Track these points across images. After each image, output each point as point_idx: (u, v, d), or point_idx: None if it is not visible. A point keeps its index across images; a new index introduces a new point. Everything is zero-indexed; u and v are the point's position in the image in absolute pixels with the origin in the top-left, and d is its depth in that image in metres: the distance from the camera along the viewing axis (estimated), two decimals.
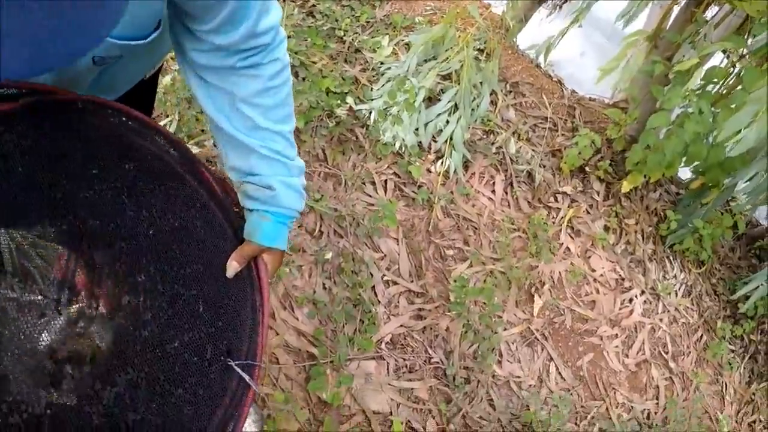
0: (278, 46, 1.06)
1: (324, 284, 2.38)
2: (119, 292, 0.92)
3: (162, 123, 2.57)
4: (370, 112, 2.85)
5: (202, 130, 2.61)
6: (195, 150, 2.53)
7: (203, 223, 1.03)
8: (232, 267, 1.05)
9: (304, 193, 1.16)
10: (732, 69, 2.98)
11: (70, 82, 1.05)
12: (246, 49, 1.01)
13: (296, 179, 1.13)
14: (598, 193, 3.26)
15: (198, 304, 0.98)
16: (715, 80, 2.95)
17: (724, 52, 3.04)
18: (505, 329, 2.66)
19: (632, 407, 2.86)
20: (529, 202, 3.05)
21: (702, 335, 3.31)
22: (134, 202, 0.98)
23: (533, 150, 3.14)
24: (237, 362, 0.97)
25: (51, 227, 0.90)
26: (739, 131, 2.57)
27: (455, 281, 2.56)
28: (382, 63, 3.08)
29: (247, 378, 0.96)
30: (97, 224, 0.94)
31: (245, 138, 1.07)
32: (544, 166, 3.14)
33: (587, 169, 3.24)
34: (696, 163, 3.10)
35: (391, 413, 2.24)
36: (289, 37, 2.97)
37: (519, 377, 2.60)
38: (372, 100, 2.90)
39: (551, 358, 2.74)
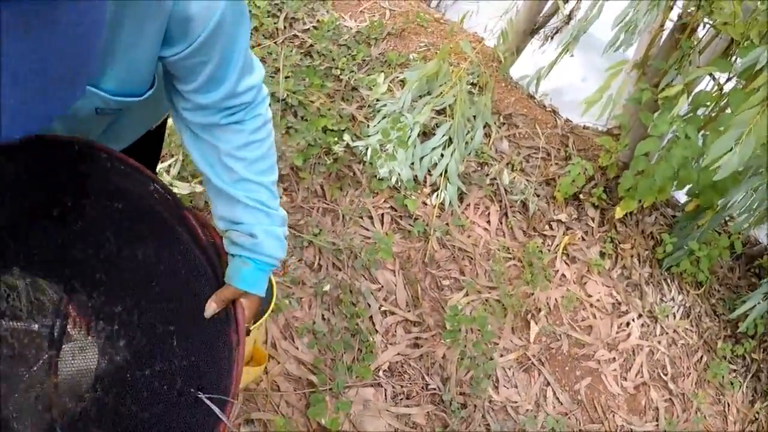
0: (260, 104, 1.16)
1: (323, 315, 2.55)
2: (95, 318, 1.04)
3: (167, 163, 2.78)
4: (367, 149, 3.04)
5: None
6: (198, 189, 2.73)
7: (184, 265, 1.14)
8: (211, 308, 1.12)
9: (285, 242, 1.24)
10: (719, 92, 3.13)
11: (80, 133, 1.17)
12: (228, 107, 1.11)
13: (278, 228, 1.21)
14: (593, 220, 3.42)
15: (173, 338, 1.09)
16: (707, 104, 3.11)
17: (711, 75, 3.20)
18: (501, 355, 2.82)
19: (632, 429, 2.97)
20: (524, 231, 3.22)
21: (702, 356, 3.43)
22: (118, 239, 1.10)
23: (527, 180, 3.32)
24: (207, 395, 1.02)
25: (36, 252, 1.03)
26: (725, 155, 2.71)
27: (449, 310, 2.73)
28: (378, 100, 3.28)
29: (217, 411, 1.01)
30: (79, 254, 1.06)
31: (230, 189, 1.16)
32: (539, 196, 3.32)
33: (581, 196, 3.40)
34: (688, 186, 3.25)
35: None
36: (287, 77, 3.18)
37: (516, 402, 2.75)
38: (368, 136, 3.09)
39: (548, 383, 2.88)
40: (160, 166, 2.73)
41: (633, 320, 3.28)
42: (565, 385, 2.93)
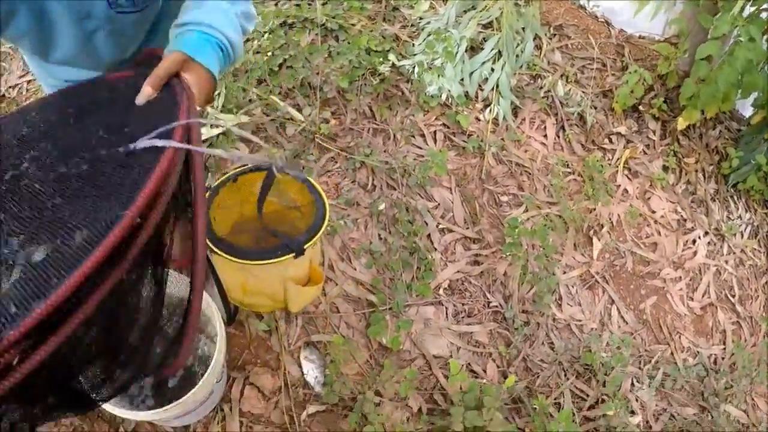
0: None
1: (379, 235, 2.56)
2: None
3: None
4: (414, 67, 3.01)
5: (250, 100, 2.80)
6: (245, 119, 2.73)
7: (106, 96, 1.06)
8: (145, 93, 0.98)
9: (237, 26, 1.14)
10: None
11: (120, 44, 1.23)
12: None
13: (228, 5, 1.13)
14: (654, 133, 3.35)
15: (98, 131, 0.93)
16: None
17: None
18: (564, 272, 2.79)
19: (698, 352, 2.92)
20: (582, 144, 3.17)
21: None
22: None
23: (583, 92, 3.26)
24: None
25: None
26: None
27: (509, 222, 2.70)
28: (420, 18, 3.23)
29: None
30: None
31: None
32: (596, 108, 3.26)
33: (641, 108, 3.33)
34: (753, 94, 3.15)
35: (451, 357, 2.41)
36: (324, 3, 3.15)
37: (580, 320, 2.73)
38: (414, 55, 3.06)
39: (613, 301, 2.86)
40: None
41: (699, 238, 3.22)
42: (630, 303, 2.91)
